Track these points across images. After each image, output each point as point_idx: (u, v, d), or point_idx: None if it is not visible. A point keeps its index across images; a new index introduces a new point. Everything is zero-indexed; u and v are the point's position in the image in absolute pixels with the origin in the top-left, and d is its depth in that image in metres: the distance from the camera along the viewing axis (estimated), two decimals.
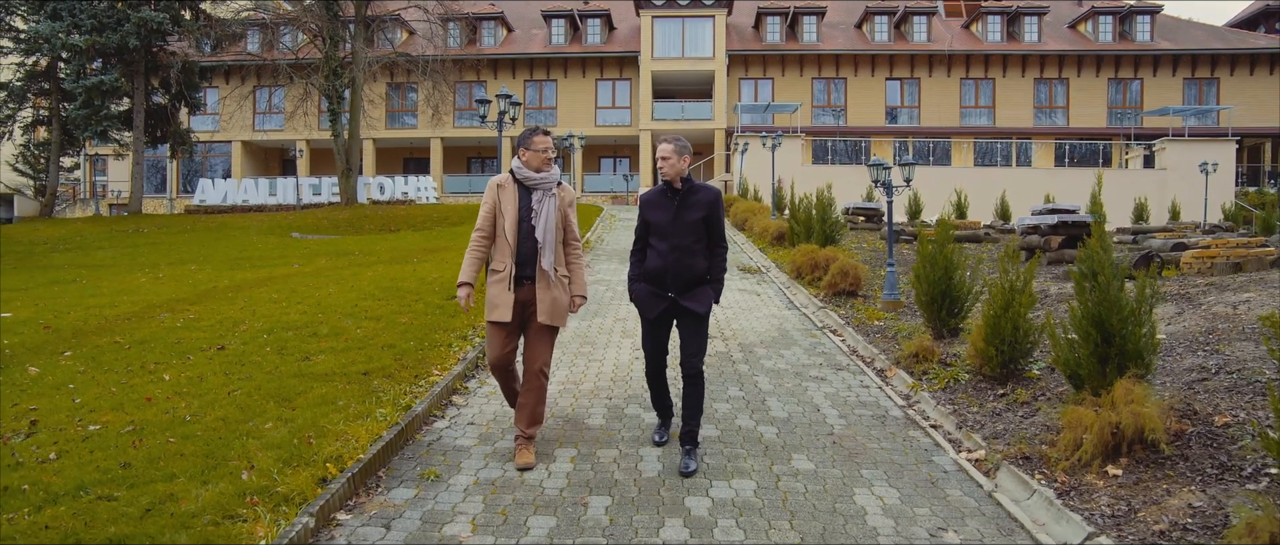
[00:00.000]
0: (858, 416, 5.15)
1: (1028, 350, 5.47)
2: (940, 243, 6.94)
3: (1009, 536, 3.47)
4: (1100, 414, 4.03)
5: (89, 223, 26.89)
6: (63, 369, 6.19)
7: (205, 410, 4.87)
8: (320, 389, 5.29)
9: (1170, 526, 3.33)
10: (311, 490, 3.56)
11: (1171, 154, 26.98)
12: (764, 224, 16.05)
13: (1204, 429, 4.06)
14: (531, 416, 4.28)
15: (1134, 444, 3.94)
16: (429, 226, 22.59)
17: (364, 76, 27.67)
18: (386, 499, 3.75)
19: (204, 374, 5.85)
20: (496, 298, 4.19)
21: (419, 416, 4.75)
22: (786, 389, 5.77)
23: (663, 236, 4.20)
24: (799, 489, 3.93)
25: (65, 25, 26.14)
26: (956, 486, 4.03)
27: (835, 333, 7.75)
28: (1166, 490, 3.62)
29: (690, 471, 4.09)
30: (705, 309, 4.21)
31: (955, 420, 4.98)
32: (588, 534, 3.41)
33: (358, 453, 3.98)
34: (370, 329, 7.32)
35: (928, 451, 4.53)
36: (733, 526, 3.50)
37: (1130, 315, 4.32)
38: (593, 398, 5.50)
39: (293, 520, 3.24)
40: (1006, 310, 5.42)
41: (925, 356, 6.20)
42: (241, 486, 3.60)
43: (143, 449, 4.16)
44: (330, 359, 6.19)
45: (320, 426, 4.44)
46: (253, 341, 6.94)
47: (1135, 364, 4.26)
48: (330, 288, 10.04)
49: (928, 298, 6.89)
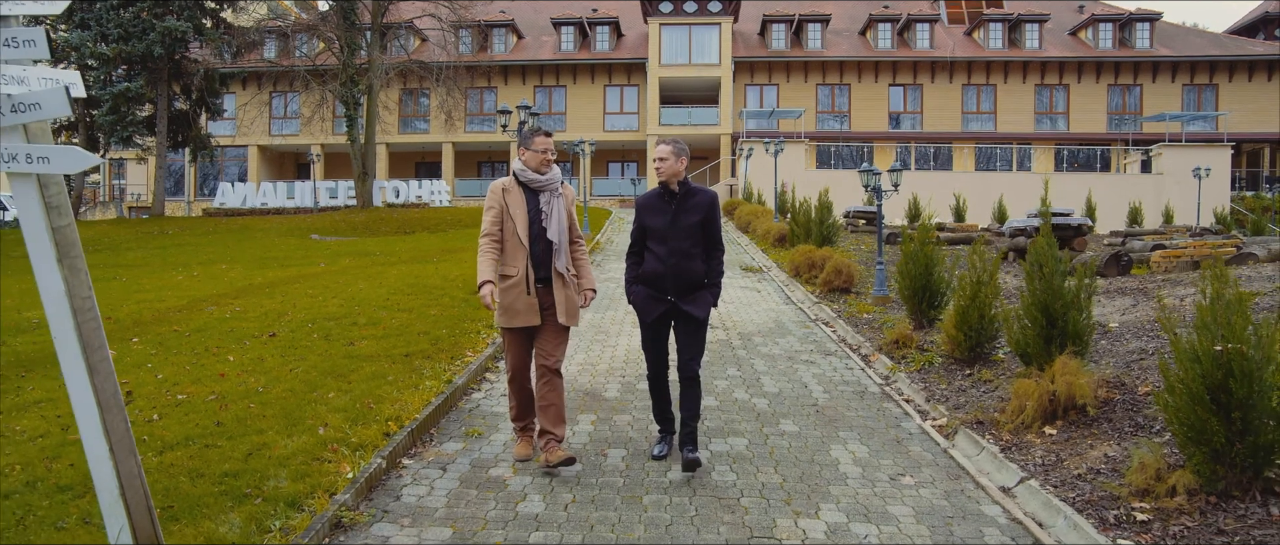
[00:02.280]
0: (840, 392, 5.88)
1: (992, 336, 6.18)
2: (921, 242, 7.66)
3: (956, 481, 4.19)
4: (1040, 384, 4.75)
5: (114, 225, 27.79)
6: (137, 352, 6.97)
7: (272, 384, 5.63)
8: (369, 367, 6.05)
9: (1087, 471, 4.04)
10: (379, 441, 4.32)
11: (1168, 159, 27.56)
12: (767, 226, 16.78)
13: (1129, 397, 4.77)
14: (557, 415, 4.19)
15: (1068, 409, 4.66)
16: (444, 229, 23.36)
17: (380, 83, 28.52)
18: (440, 450, 4.51)
19: (262, 356, 6.61)
20: (514, 303, 4.11)
21: (459, 388, 5.51)
22: (779, 370, 6.50)
23: (661, 240, 4.16)
24: (784, 445, 4.67)
25: (93, 34, 27.07)
26: (919, 445, 4.76)
27: (827, 324, 8.48)
28: (1090, 444, 4.34)
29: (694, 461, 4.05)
30: (704, 314, 4.20)
31: (925, 395, 5.71)
32: (608, 476, 4.15)
33: (413, 413, 4.74)
34: (404, 319, 8.07)
35: (897, 419, 5.26)
36: (727, 471, 4.24)
37: (1071, 302, 5.04)
38: (608, 376, 6.25)
39: (369, 460, 4.00)
40: (973, 301, 6.13)
41: (905, 343, 6.92)
42: (320, 439, 4.35)
43: (229, 412, 4.91)
44: (372, 344, 6.95)
45: (376, 395, 5.20)
46: (299, 330, 7.69)
47: (1074, 343, 4.98)
48: (360, 284, 10.80)
49: (909, 292, 7.60)
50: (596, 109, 35.13)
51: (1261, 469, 3.41)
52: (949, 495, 3.99)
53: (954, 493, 4.03)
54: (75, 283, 2.68)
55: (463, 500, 3.81)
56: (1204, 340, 3.52)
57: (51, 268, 2.61)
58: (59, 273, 2.62)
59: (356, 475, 3.83)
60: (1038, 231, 12.51)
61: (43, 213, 2.58)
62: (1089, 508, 3.67)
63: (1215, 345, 3.47)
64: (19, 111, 2.46)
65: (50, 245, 2.60)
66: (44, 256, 2.60)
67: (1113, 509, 3.61)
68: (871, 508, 3.79)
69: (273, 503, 3.49)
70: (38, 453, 4.21)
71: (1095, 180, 26.93)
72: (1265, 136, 33.57)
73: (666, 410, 4.45)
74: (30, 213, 2.56)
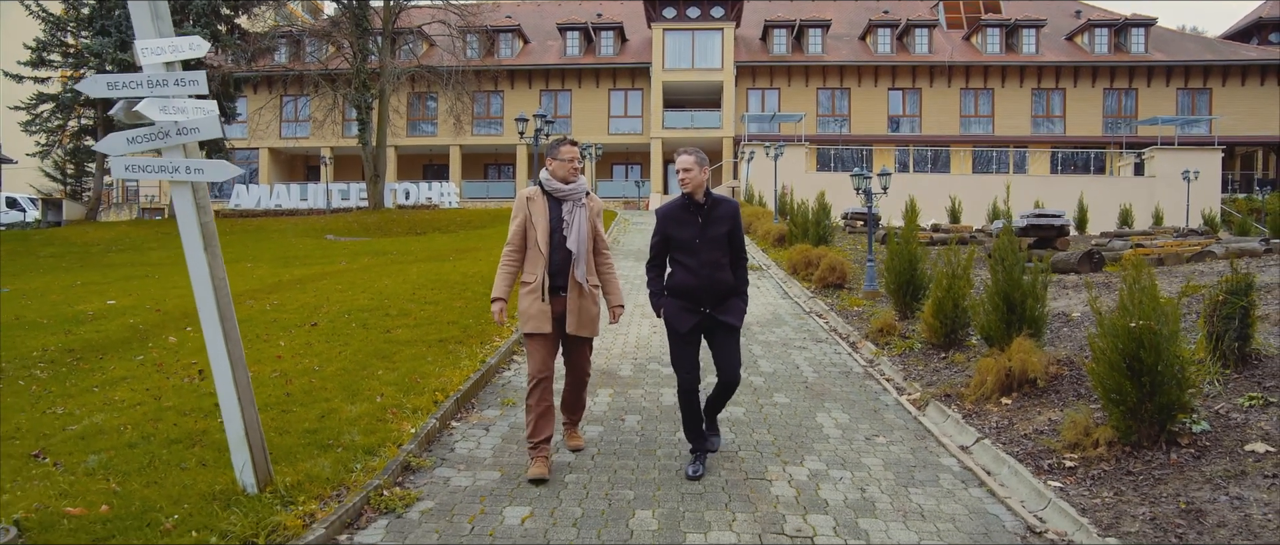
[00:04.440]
0: (827, 372, 6.62)
1: (965, 324, 6.89)
2: (906, 241, 8.39)
3: (921, 441, 4.92)
4: (999, 362, 5.48)
5: (133, 226, 28.59)
6: (194, 339, 7.71)
7: (326, 364, 6.37)
8: (409, 350, 6.79)
9: (1032, 431, 4.77)
10: (430, 407, 5.06)
11: (1160, 162, 28.23)
12: (767, 227, 17.52)
13: (1076, 373, 5.49)
14: (577, 404, 4.51)
15: (1022, 382, 5.39)
16: (455, 229, 24.12)
17: (392, 87, 29.31)
18: (482, 415, 5.26)
19: (310, 341, 7.36)
20: (530, 309, 4.17)
21: (492, 367, 6.25)
22: (774, 354, 7.24)
23: (690, 253, 4.11)
24: (776, 413, 5.40)
25: (113, 41, 27.89)
26: (893, 414, 5.49)
27: (820, 316, 9.21)
28: (1038, 411, 5.06)
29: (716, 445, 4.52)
30: (739, 321, 4.23)
31: (903, 375, 6.43)
32: (626, 435, 4.89)
33: (456, 386, 5.49)
34: (432, 311, 8.81)
35: (877, 393, 5.99)
36: (727, 432, 4.97)
37: (1028, 292, 5.77)
38: (622, 358, 6.99)
39: (425, 421, 4.74)
40: (948, 292, 6.85)
41: (889, 331, 7.65)
42: (378, 405, 5.09)
43: (295, 386, 5.66)
44: (407, 331, 7.69)
45: (420, 372, 5.94)
46: (338, 320, 8.44)
47: (1030, 327, 5.71)
48: (385, 280, 11.54)
49: (895, 285, 8.32)
50: (601, 112, 35.91)
51: (1166, 423, 4.13)
52: (914, 451, 4.72)
53: (919, 449, 4.76)
54: (215, 264, 3.42)
55: (505, 452, 4.56)
56: (1122, 320, 4.24)
57: (199, 252, 3.35)
58: (205, 256, 3.37)
59: (418, 430, 4.57)
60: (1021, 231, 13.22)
61: (194, 210, 3.32)
62: (1029, 459, 4.39)
63: (1130, 323, 4.19)
64: (182, 134, 3.20)
65: (199, 236, 3.35)
66: (194, 243, 3.35)
67: (1048, 459, 4.34)
68: (847, 459, 4.53)
69: (351, 451, 4.23)
70: (141, 417, 4.96)
71: (1088, 182, 27.61)
72: (1259, 140, 34.26)
73: (698, 427, 4.29)
74: (185, 210, 3.31)
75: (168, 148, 3.25)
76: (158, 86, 3.12)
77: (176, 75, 3.18)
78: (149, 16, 3.10)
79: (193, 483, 3.76)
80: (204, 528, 3.26)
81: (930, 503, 3.94)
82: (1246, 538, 3.23)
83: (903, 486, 4.14)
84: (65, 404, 5.38)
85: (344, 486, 3.81)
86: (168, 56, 3.18)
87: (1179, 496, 3.65)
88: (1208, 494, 3.62)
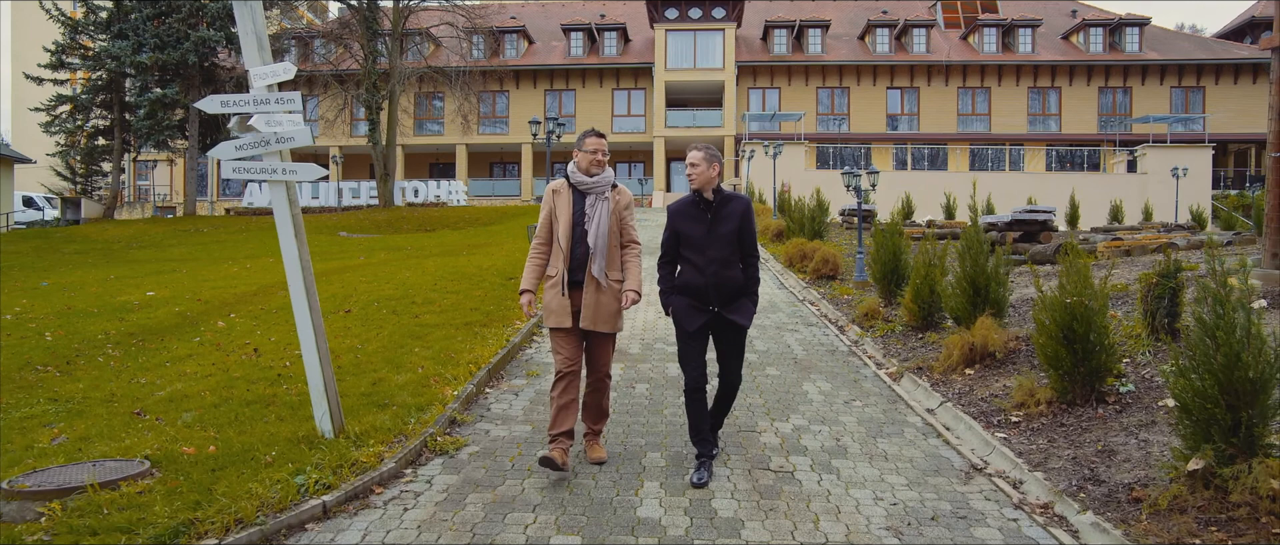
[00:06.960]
0: (815, 350, 7.36)
1: (940, 307, 7.63)
2: (890, 234, 9.13)
3: (893, 404, 5.67)
4: (964, 338, 6.22)
5: (149, 223, 29.38)
6: (240, 324, 8.48)
7: (366, 344, 7.13)
8: (439, 332, 7.55)
9: (989, 395, 5.51)
10: (466, 376, 5.81)
11: (1151, 159, 28.91)
12: (766, 223, 18.26)
13: (1031, 347, 6.23)
14: (598, 411, 4.41)
15: (984, 356, 6.13)
16: (464, 226, 24.88)
17: (401, 88, 30.08)
18: (511, 383, 6.02)
19: (347, 326, 8.12)
20: (551, 303, 4.16)
21: (516, 345, 7.01)
22: (768, 336, 7.98)
23: (699, 250, 4.08)
24: (768, 382, 6.15)
25: (130, 44, 28.70)
26: (871, 384, 6.24)
27: (812, 304, 9.95)
28: (995, 379, 5.81)
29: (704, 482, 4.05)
30: (748, 322, 4.21)
31: (883, 352, 7.18)
32: (636, 399, 5.65)
33: (487, 359, 6.25)
34: (454, 299, 9.56)
35: (858, 367, 6.74)
36: None
37: (992, 276, 6.51)
38: (629, 339, 7.75)
39: (463, 386, 5.50)
40: (925, 279, 7.60)
41: (873, 315, 8.40)
42: (420, 376, 5.84)
43: (343, 361, 6.41)
44: (434, 317, 8.44)
45: (453, 349, 6.69)
46: (368, 307, 9.20)
47: (993, 308, 6.45)
48: (405, 273, 12.30)
49: (880, 274, 9.07)
50: (605, 112, 36.67)
51: (1095, 384, 4.87)
52: (885, 412, 5.47)
53: (889, 411, 5.51)
54: (303, 250, 4.18)
55: (534, 412, 5.32)
56: (1059, 297, 4.98)
57: (292, 240, 4.11)
58: (295, 243, 4.12)
59: (458, 393, 5.33)
60: (1007, 226, 13.95)
61: (288, 205, 4.08)
62: (982, 417, 5.14)
63: (1067, 299, 4.93)
64: (281, 142, 3.96)
65: (292, 226, 4.10)
66: (288, 233, 4.10)
67: (997, 417, 5.08)
68: (827, 417, 5.28)
69: (404, 409, 4.98)
70: (216, 384, 5.72)
71: (1081, 179, 28.33)
72: (1252, 137, 34.89)
73: (705, 428, 4.21)
74: (281, 206, 4.06)
75: (267, 153, 4.00)
76: (262, 104, 3.88)
77: (277, 95, 3.93)
78: (255, 47, 3.85)
79: (277, 431, 4.51)
80: (297, 461, 4.02)
81: (893, 449, 4.69)
82: (1145, 469, 3.97)
83: (872, 437, 4.89)
84: (146, 377, 6.15)
85: (403, 434, 4.57)
86: (268, 80, 3.93)
87: (1099, 441, 4.39)
88: (1122, 439, 4.36)
